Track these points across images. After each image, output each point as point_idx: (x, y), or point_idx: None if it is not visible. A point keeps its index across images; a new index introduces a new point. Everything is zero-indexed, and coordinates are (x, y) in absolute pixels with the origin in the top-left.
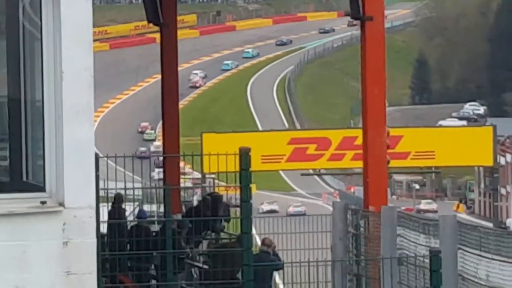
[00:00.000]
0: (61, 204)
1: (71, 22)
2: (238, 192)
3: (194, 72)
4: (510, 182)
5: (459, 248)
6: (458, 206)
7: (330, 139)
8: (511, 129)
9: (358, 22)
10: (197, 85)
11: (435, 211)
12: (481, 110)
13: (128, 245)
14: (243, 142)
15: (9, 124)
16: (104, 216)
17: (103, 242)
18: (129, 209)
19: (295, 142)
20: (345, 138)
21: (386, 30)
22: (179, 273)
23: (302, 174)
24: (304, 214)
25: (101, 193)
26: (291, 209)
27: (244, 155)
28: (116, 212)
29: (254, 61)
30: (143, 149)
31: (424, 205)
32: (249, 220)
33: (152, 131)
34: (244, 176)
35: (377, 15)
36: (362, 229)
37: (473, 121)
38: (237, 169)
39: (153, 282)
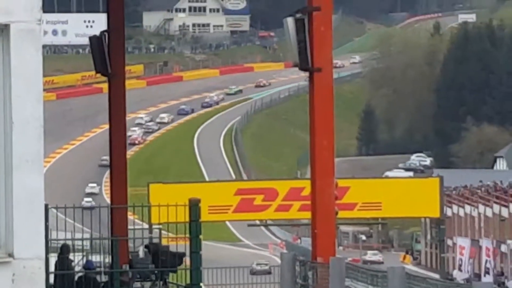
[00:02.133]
0: (10, 255)
1: (22, 72)
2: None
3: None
4: (456, 233)
5: None
6: (404, 257)
7: (277, 190)
8: (457, 180)
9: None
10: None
11: (381, 262)
12: (428, 161)
13: None
14: (190, 193)
15: None
16: (51, 266)
17: None
18: (76, 259)
19: (242, 192)
20: (292, 189)
21: (334, 80)
22: None
23: (249, 225)
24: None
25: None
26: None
27: (194, 206)
28: (64, 263)
29: (202, 111)
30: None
31: (370, 256)
32: (199, 272)
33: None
34: (194, 227)
35: (325, 67)
36: (310, 280)
37: (419, 172)
38: (186, 219)
39: None
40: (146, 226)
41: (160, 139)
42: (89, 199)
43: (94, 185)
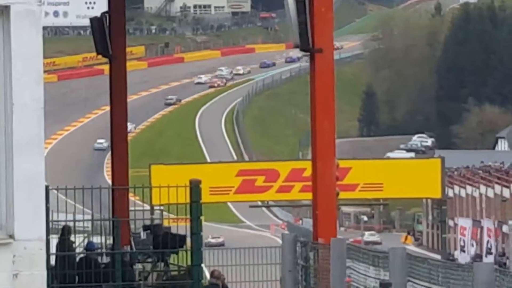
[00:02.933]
0: (11, 236)
1: (22, 54)
2: (188, 224)
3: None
4: (458, 214)
5: (409, 280)
6: (406, 238)
7: (278, 171)
8: (459, 161)
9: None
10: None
11: (379, 243)
12: (429, 142)
13: (77, 277)
14: (191, 174)
15: None
16: (52, 248)
17: (52, 274)
18: (78, 241)
19: (243, 174)
20: (293, 170)
21: (335, 62)
22: None
23: (251, 206)
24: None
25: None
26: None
27: (195, 187)
28: (65, 244)
29: (203, 93)
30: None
31: (367, 236)
32: (200, 253)
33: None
34: (195, 208)
35: (326, 47)
36: (311, 261)
37: (421, 153)
38: (187, 201)
39: None
40: (147, 207)
41: (161, 120)
42: (102, 140)
43: (103, 140)
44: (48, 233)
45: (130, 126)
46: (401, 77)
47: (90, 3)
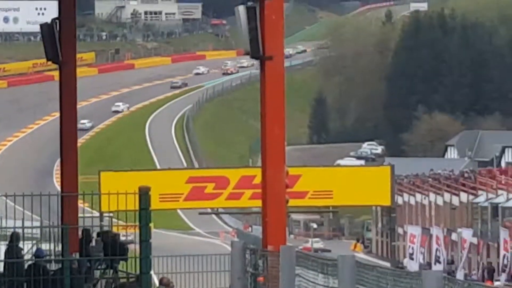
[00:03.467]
0: None
1: None
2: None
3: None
4: (407, 221)
5: None
6: (355, 246)
7: (228, 178)
8: (409, 169)
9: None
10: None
11: (329, 250)
12: (379, 149)
13: (26, 284)
14: (141, 181)
15: None
16: (1, 255)
17: (0, 281)
18: (27, 247)
19: (193, 180)
20: (243, 177)
21: (285, 69)
22: None
23: (200, 213)
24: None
25: None
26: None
27: (144, 194)
28: (13, 251)
29: (153, 99)
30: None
31: (312, 244)
32: (149, 260)
33: None
34: (144, 215)
35: (276, 55)
36: (260, 268)
37: (370, 160)
38: (136, 207)
39: None
40: (97, 214)
41: (111, 127)
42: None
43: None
44: None
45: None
46: (352, 85)
47: (41, 9)
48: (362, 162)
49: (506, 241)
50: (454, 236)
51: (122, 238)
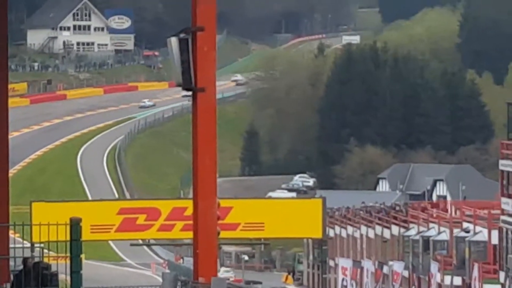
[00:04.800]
0: None
1: None
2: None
3: None
4: (338, 254)
5: None
6: (287, 278)
7: (159, 210)
8: (340, 201)
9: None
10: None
11: (260, 282)
12: (311, 182)
13: None
14: (73, 211)
15: None
16: None
17: None
18: None
19: (125, 212)
20: (175, 209)
21: (218, 101)
22: None
23: (132, 245)
24: None
25: None
26: None
27: (75, 225)
28: None
29: (85, 130)
30: None
31: (222, 273)
32: None
33: None
34: (75, 246)
35: (208, 87)
36: None
37: (302, 193)
38: (67, 238)
39: None
40: (28, 244)
41: (43, 157)
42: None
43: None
44: None
45: None
46: (284, 117)
47: None
48: (294, 194)
49: (432, 274)
50: (385, 269)
51: (53, 269)
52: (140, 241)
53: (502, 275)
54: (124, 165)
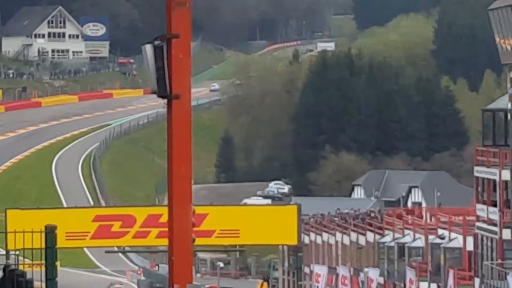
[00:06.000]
0: None
1: None
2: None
3: None
4: (314, 261)
5: None
6: (262, 285)
7: (135, 217)
8: (315, 208)
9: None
10: None
11: None
12: (286, 189)
13: None
14: (48, 219)
15: None
16: None
17: None
18: None
19: (100, 219)
20: (150, 216)
21: (193, 108)
22: None
23: (107, 252)
24: None
25: None
26: None
27: (50, 233)
28: None
29: (60, 138)
30: None
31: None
32: None
33: None
34: (50, 254)
35: (183, 94)
36: None
37: (277, 199)
38: (43, 246)
39: None
40: (3, 252)
41: (18, 165)
42: None
43: None
44: None
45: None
46: (259, 124)
47: None
48: (269, 201)
49: (412, 281)
50: (360, 276)
51: (29, 276)
52: (115, 248)
53: (477, 281)
54: (99, 172)
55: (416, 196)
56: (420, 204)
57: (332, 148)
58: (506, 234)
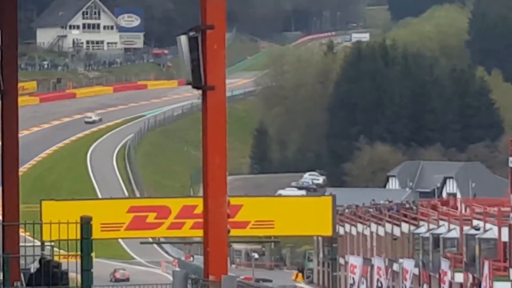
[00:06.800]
0: None
1: None
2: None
3: None
4: (348, 252)
5: None
6: (297, 276)
7: (169, 208)
8: (350, 199)
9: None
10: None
11: (270, 280)
12: (320, 180)
13: None
14: (83, 210)
15: None
16: None
17: None
18: None
19: (135, 210)
20: (184, 207)
21: (227, 99)
22: None
23: (142, 243)
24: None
25: None
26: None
27: (85, 224)
28: None
29: (95, 129)
30: None
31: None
32: None
33: None
34: (85, 245)
35: (218, 85)
36: None
37: (312, 190)
38: (78, 237)
39: None
40: (38, 243)
41: (53, 156)
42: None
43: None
44: None
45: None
46: (293, 115)
47: None
48: (304, 192)
49: (446, 272)
50: (395, 267)
51: (64, 267)
52: (150, 239)
53: None
54: (134, 163)
55: (451, 187)
56: (454, 195)
57: (367, 139)
58: None
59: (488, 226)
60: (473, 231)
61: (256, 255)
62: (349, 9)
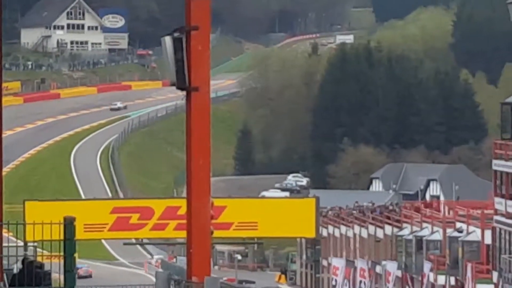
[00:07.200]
0: None
1: None
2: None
3: None
4: (332, 254)
5: None
6: (280, 277)
7: (153, 209)
8: (334, 201)
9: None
10: None
11: (253, 282)
12: (304, 181)
13: None
14: (66, 211)
15: None
16: None
17: None
18: None
19: (118, 211)
20: (168, 208)
21: (211, 100)
22: None
23: (125, 244)
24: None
25: None
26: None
27: (69, 224)
28: None
29: (78, 129)
30: None
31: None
32: None
33: None
34: (68, 245)
35: (202, 86)
36: None
37: (296, 192)
38: (61, 237)
39: None
40: (21, 243)
41: (36, 156)
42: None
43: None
44: None
45: None
46: (277, 116)
47: None
48: (287, 193)
49: (427, 274)
50: (378, 269)
51: (47, 268)
52: (133, 240)
53: (495, 275)
54: (118, 164)
55: (434, 189)
56: (438, 197)
57: (351, 141)
58: None
59: (471, 228)
60: (456, 234)
61: (239, 257)
62: (334, 11)
